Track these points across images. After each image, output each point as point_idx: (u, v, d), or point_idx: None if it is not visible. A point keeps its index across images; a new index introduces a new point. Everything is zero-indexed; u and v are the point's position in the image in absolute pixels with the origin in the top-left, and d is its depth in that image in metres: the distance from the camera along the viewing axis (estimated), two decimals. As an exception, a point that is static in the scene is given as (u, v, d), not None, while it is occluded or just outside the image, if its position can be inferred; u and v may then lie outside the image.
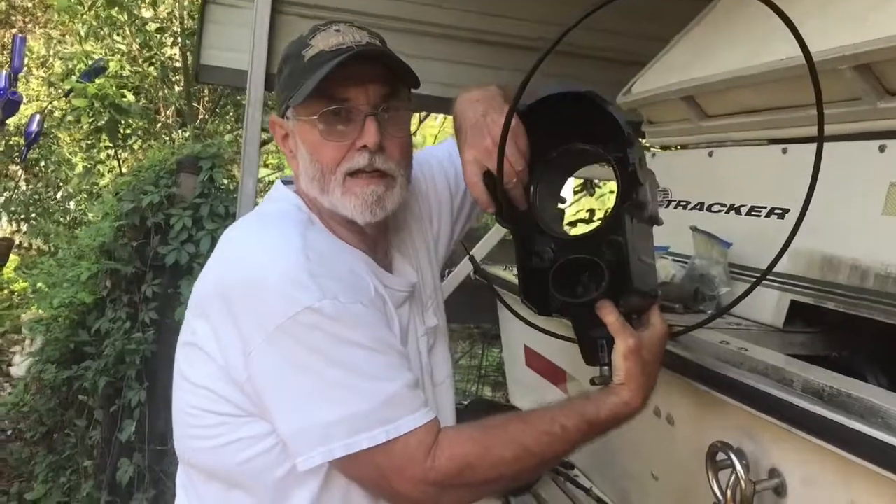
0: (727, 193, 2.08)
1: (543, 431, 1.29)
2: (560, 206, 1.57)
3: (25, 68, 9.37)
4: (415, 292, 1.57)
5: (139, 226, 3.74)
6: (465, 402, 2.61)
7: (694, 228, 1.96)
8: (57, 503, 3.72)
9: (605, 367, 1.35)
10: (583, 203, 6.89)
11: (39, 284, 4.17)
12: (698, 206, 2.17)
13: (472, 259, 1.83)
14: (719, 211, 2.08)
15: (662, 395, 1.49)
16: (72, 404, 3.73)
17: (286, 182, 1.53)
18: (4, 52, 8.50)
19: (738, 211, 2.02)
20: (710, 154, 2.25)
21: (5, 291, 7.98)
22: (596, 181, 6.08)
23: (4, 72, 6.87)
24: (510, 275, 2.53)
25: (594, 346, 1.37)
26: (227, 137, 6.43)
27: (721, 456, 1.36)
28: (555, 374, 2.43)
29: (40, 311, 4.25)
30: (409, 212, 1.64)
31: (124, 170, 6.11)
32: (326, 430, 1.24)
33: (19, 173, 8.45)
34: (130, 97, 6.54)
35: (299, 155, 1.44)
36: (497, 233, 3.15)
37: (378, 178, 1.40)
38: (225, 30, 3.69)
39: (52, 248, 6.55)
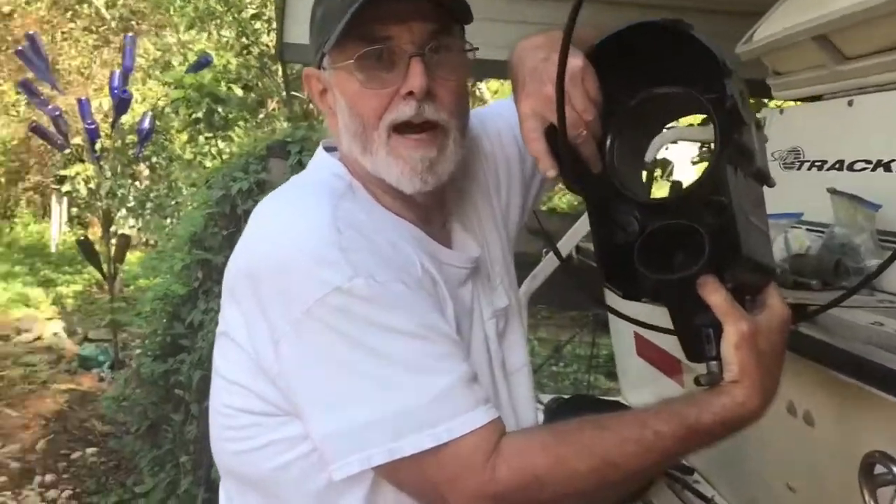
0: (872, 148, 1.84)
1: (630, 439, 1.06)
2: (644, 169, 1.29)
3: (139, 68, 9.75)
4: (479, 269, 1.34)
5: (230, 214, 3.66)
6: (566, 396, 2.35)
7: (832, 191, 1.73)
8: (161, 499, 3.70)
9: (713, 363, 1.07)
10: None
11: (140, 280, 4.17)
12: (837, 165, 1.95)
13: (546, 239, 1.53)
14: (863, 169, 1.85)
15: (797, 387, 1.24)
16: (169, 398, 3.69)
17: (328, 149, 1.34)
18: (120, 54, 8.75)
19: (886, 167, 1.78)
20: (850, 103, 2.00)
21: (131, 288, 8.24)
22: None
23: (118, 71, 7.13)
24: None
25: (697, 337, 1.09)
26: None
27: (880, 469, 1.09)
28: (669, 365, 2.16)
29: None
30: (470, 177, 1.42)
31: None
32: (363, 434, 1.06)
33: (140, 171, 8.75)
34: (237, 90, 6.59)
35: (338, 110, 1.25)
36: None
37: (429, 140, 1.20)
38: (308, 4, 3.48)
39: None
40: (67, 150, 7.19)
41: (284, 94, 6.63)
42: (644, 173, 1.26)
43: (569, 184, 1.19)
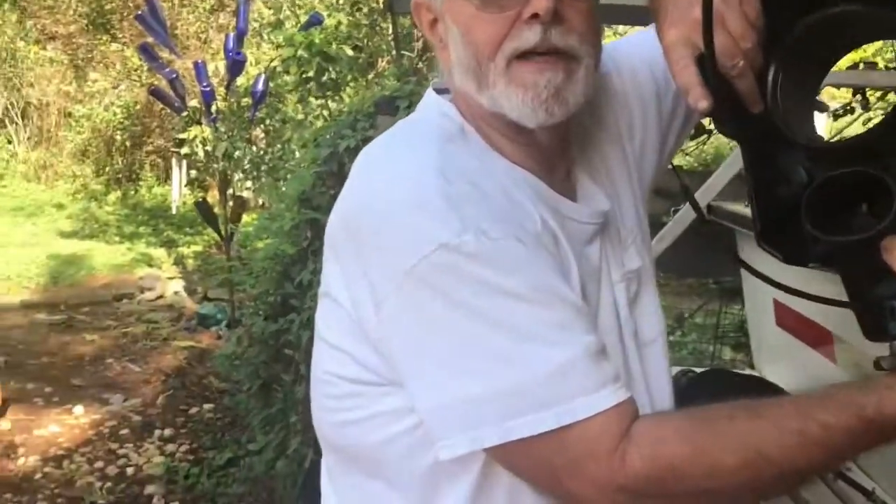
0: None
1: (791, 430, 0.88)
2: (816, 109, 1.07)
3: (255, 32, 9.86)
4: (608, 225, 1.18)
5: (337, 172, 3.57)
6: (699, 370, 2.14)
7: None
8: (271, 458, 3.71)
9: None
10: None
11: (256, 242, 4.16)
12: None
13: (687, 194, 1.34)
14: None
15: None
16: (279, 358, 3.68)
17: (439, 91, 1.19)
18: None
19: None
20: None
21: (248, 248, 8.41)
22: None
23: (232, 34, 7.20)
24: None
25: (879, 311, 0.90)
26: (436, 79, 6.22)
27: None
28: (816, 336, 1.93)
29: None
30: (598, 121, 1.24)
31: (336, 121, 6.11)
32: (473, 410, 0.94)
33: (257, 134, 8.87)
34: (348, 50, 6.52)
35: (451, 41, 1.10)
36: (736, 158, 2.56)
37: (555, 61, 1.02)
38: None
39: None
40: (185, 113, 7.33)
41: (394, 52, 6.52)
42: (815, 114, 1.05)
43: (721, 124, 1.00)
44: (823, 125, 7.27)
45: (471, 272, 0.93)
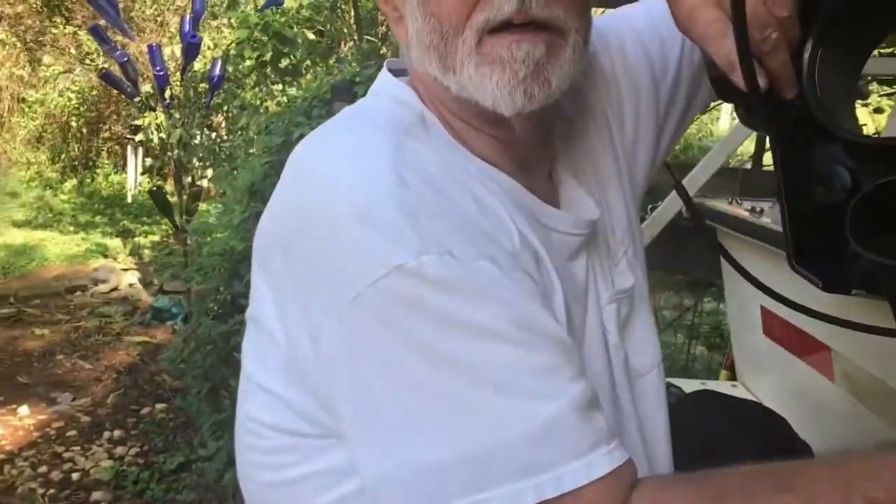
0: None
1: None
2: (858, 97, 0.87)
3: (214, 14, 9.53)
4: (596, 235, 0.99)
5: (291, 163, 3.35)
6: (681, 382, 1.96)
7: None
8: (220, 468, 3.50)
9: None
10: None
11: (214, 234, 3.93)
12: None
13: (679, 189, 1.16)
14: None
15: None
16: (229, 362, 3.46)
17: (395, 72, 1.00)
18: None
19: None
20: None
21: (210, 240, 8.11)
22: None
23: (188, 16, 6.90)
24: (740, 210, 1.88)
25: None
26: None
27: None
28: (811, 349, 1.75)
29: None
30: (584, 110, 1.04)
31: (295, 108, 5.88)
32: (433, 480, 0.75)
33: (219, 121, 8.57)
34: (310, 35, 6.27)
35: (408, 12, 0.90)
36: (721, 149, 2.37)
37: (535, 32, 0.84)
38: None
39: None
40: (137, 98, 7.03)
41: (356, 35, 6.28)
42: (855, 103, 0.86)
43: (751, 113, 0.81)
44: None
45: (432, 302, 0.74)
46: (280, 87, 5.87)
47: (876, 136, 0.74)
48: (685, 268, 5.44)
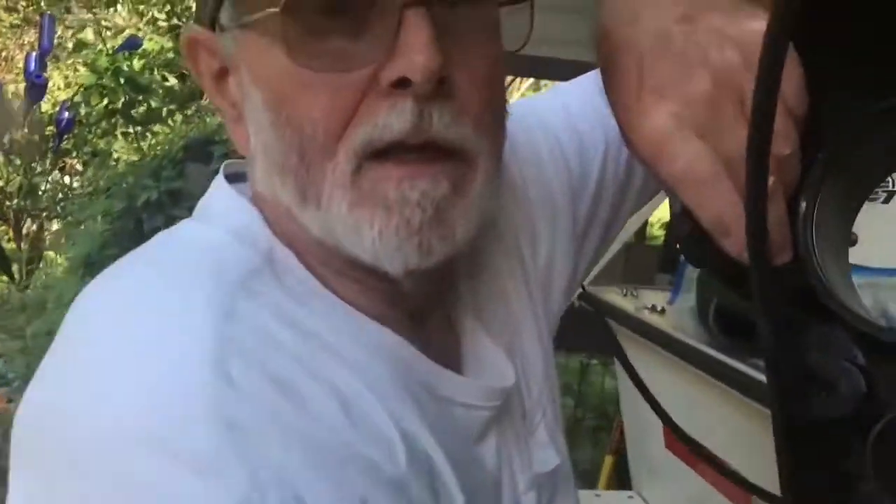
0: None
1: None
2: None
3: (67, 51, 8.95)
4: (511, 401, 0.75)
5: (133, 231, 2.95)
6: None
7: None
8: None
9: None
10: None
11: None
12: None
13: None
14: None
15: None
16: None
17: (232, 177, 0.70)
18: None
19: None
20: None
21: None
22: None
23: (34, 54, 6.38)
24: (642, 310, 1.68)
25: None
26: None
27: None
28: (720, 478, 1.55)
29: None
30: (493, 239, 0.79)
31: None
32: None
33: (78, 166, 7.97)
34: (171, 78, 5.89)
35: (251, 111, 0.63)
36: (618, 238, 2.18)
37: (434, 162, 0.59)
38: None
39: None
40: (-28, 142, 6.41)
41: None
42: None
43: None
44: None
45: None
46: (128, 134, 5.44)
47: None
48: (571, 347, 5.29)
